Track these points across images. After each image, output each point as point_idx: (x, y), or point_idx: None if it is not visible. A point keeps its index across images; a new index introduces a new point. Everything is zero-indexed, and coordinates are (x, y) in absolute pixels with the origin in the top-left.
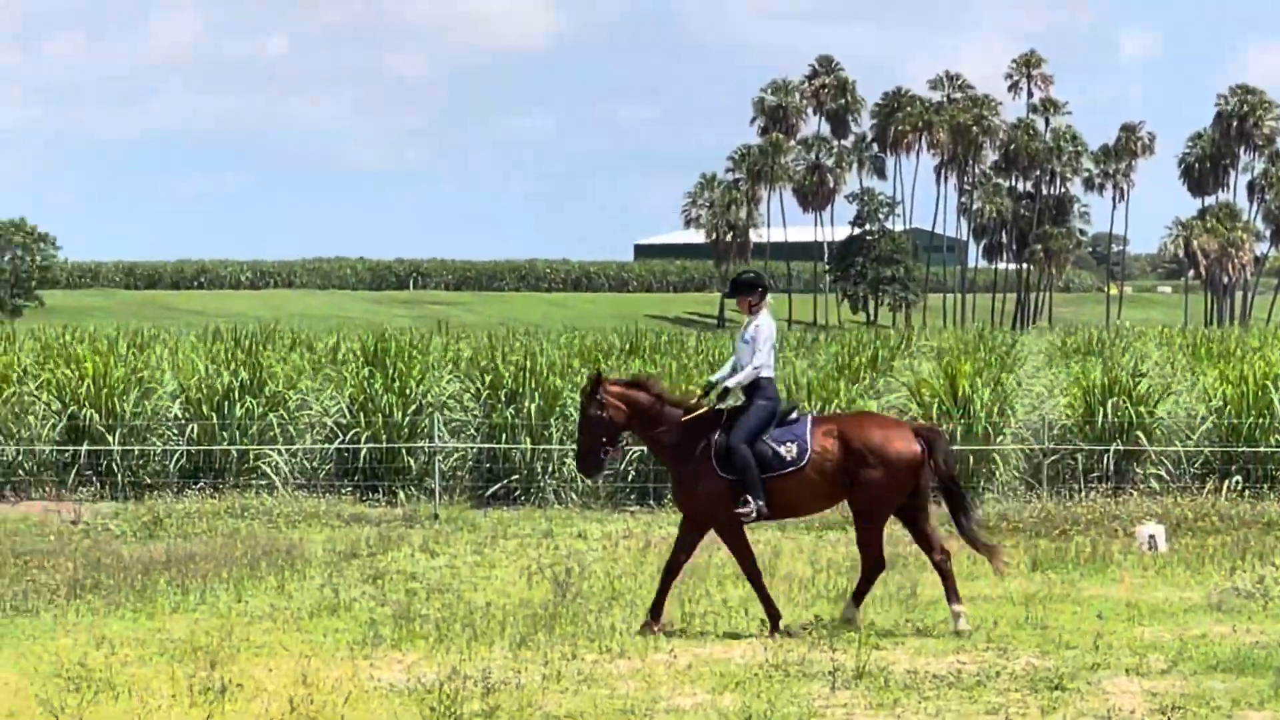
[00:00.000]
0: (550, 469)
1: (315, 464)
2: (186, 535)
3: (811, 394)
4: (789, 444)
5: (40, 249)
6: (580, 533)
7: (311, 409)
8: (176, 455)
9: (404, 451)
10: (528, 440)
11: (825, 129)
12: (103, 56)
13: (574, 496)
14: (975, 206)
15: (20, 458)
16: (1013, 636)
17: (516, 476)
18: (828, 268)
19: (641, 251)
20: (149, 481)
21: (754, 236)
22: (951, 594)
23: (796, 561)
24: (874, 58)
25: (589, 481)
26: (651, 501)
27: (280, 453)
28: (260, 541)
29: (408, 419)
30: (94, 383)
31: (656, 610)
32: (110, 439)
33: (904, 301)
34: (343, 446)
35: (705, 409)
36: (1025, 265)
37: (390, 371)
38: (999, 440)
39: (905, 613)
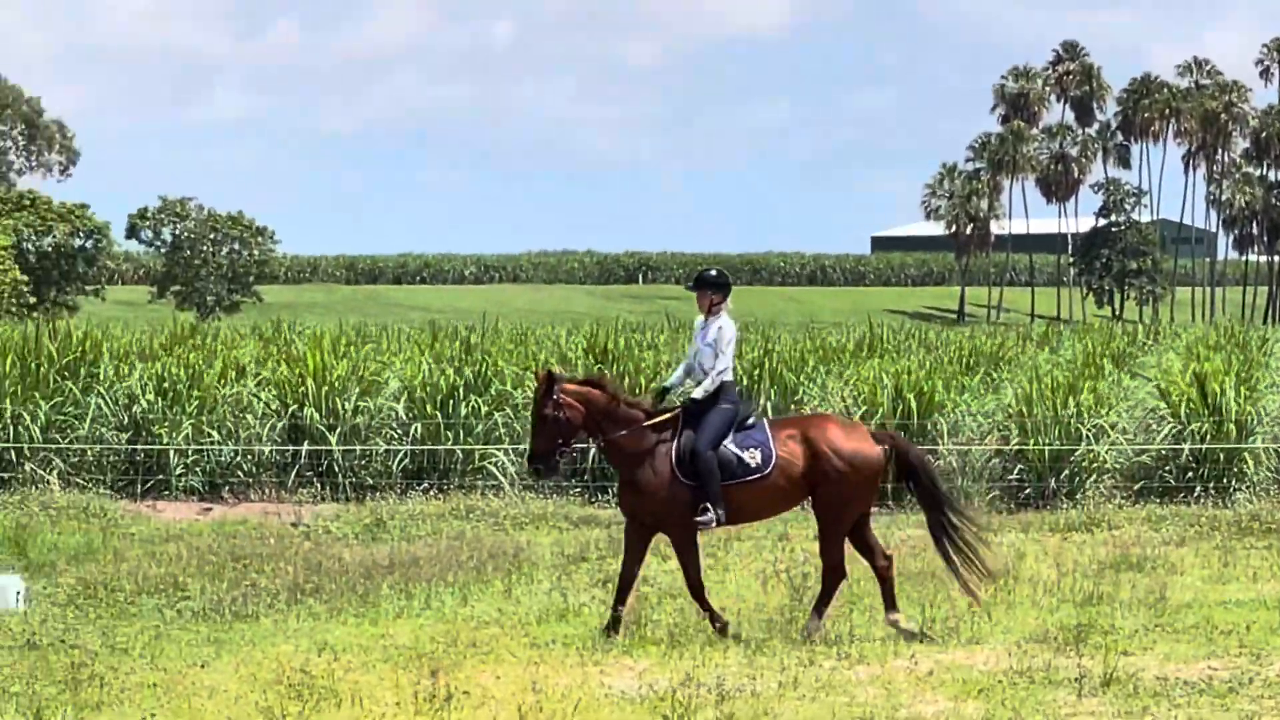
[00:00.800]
0: None
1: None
2: (410, 538)
3: (1055, 390)
4: (752, 450)
5: (258, 243)
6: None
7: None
8: (400, 455)
9: None
10: None
11: (1069, 117)
12: (324, 45)
13: None
14: (1224, 196)
15: (239, 458)
16: (1266, 642)
17: None
18: (1071, 260)
19: (879, 244)
20: (371, 482)
21: (995, 228)
22: (889, 601)
23: (1041, 564)
24: (1120, 43)
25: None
26: (890, 503)
27: (506, 452)
28: (486, 544)
29: None
30: (315, 381)
31: (614, 623)
32: (331, 439)
33: (1151, 295)
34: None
35: (673, 412)
36: (1277, 258)
37: (621, 370)
38: (1250, 439)
39: (1155, 617)
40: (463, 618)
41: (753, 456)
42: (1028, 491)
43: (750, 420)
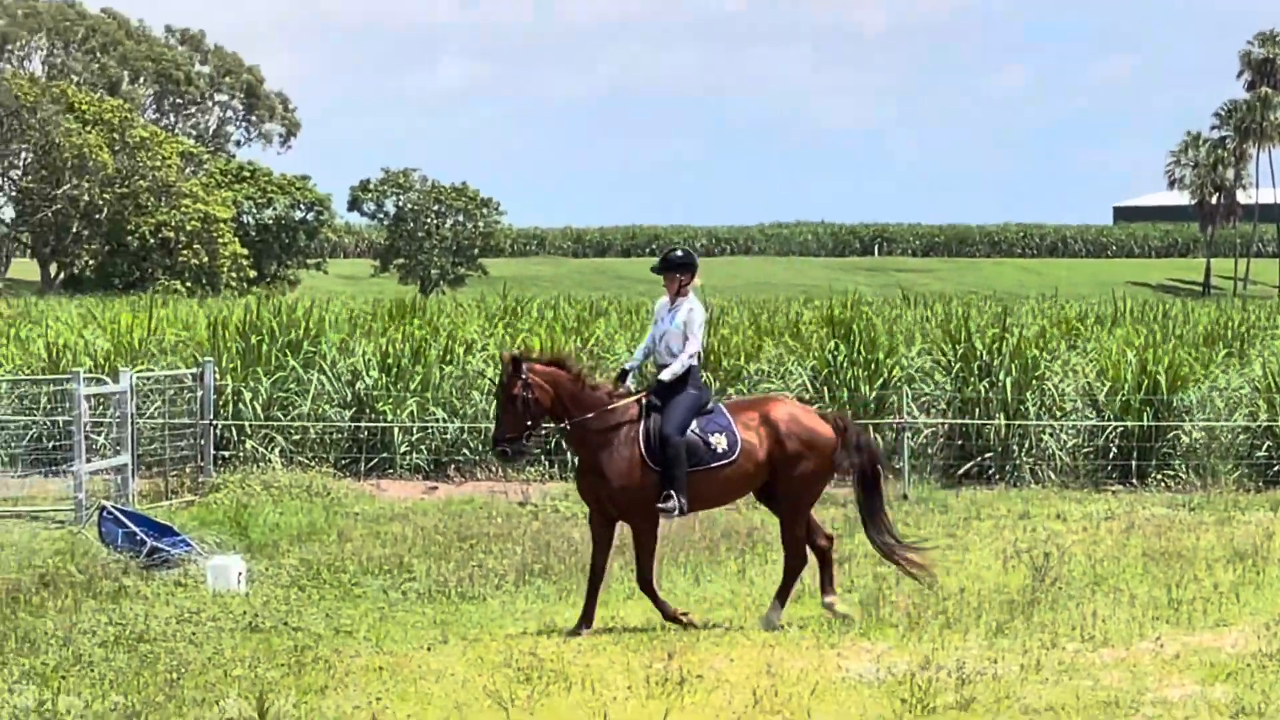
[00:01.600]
0: (1027, 446)
1: None
2: None
3: None
4: (717, 435)
5: (483, 215)
6: (1059, 514)
7: (773, 383)
8: None
9: (871, 428)
10: (1002, 416)
11: None
12: (551, 12)
13: (1052, 475)
14: None
15: (466, 436)
16: None
17: (990, 454)
18: None
19: (1121, 214)
20: None
21: (1242, 197)
22: (827, 583)
23: None
24: None
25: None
26: (1133, 481)
27: None
28: (719, 524)
29: (874, 393)
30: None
31: (587, 617)
32: None
33: None
34: None
35: (637, 396)
36: None
37: (856, 343)
38: None
39: None
40: (695, 599)
41: (719, 442)
42: (1276, 468)
43: (710, 405)
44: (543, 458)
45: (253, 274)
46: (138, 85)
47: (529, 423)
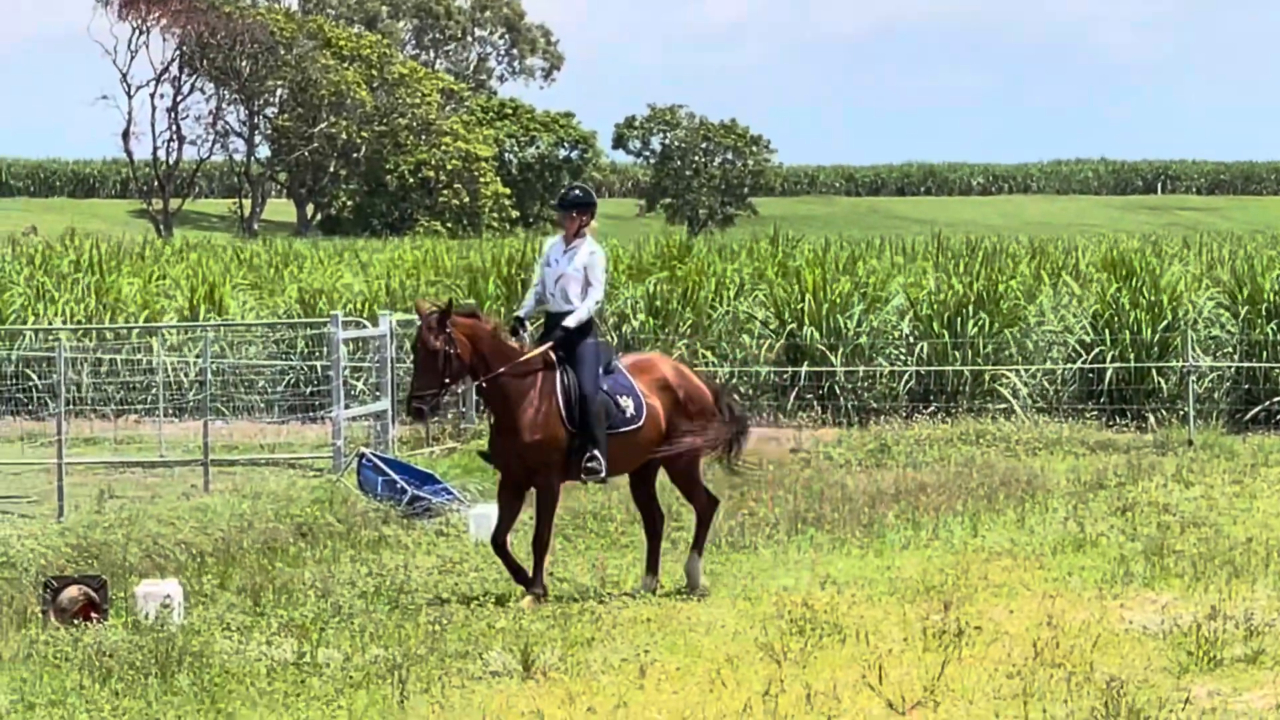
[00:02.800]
0: None
1: (1056, 386)
2: (916, 464)
3: None
4: (625, 398)
5: (753, 153)
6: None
7: (1051, 326)
8: (905, 377)
9: (1154, 372)
10: None
11: None
12: None
13: None
14: None
15: (736, 380)
16: None
17: (1278, 399)
18: None
19: None
20: (874, 406)
21: None
22: (653, 563)
23: None
24: None
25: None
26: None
27: (1018, 373)
28: (997, 471)
29: (1158, 336)
30: (814, 299)
31: (534, 580)
32: (833, 359)
33: None
34: (1087, 367)
35: (547, 347)
36: None
37: (1138, 285)
38: None
39: None
40: (973, 549)
41: (627, 405)
42: None
43: (611, 364)
44: (815, 404)
45: (515, 214)
46: (396, 20)
47: (448, 379)
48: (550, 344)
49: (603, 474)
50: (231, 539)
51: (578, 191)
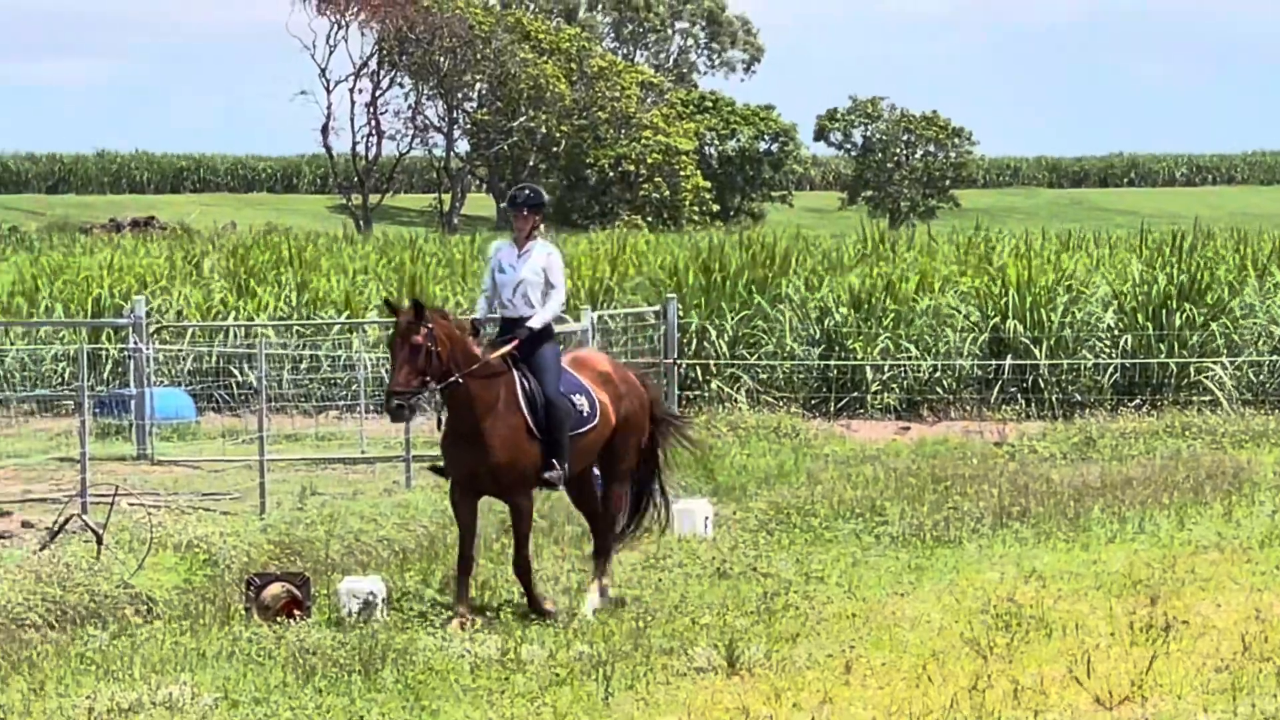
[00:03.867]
0: None
1: (1263, 378)
2: (1121, 457)
3: None
4: (579, 396)
5: (955, 145)
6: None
7: (1258, 317)
8: (1110, 369)
9: None
10: None
11: None
12: None
13: None
14: None
15: (939, 374)
16: None
17: None
18: None
19: None
20: (1079, 398)
21: None
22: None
23: None
24: None
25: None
26: None
27: (1224, 365)
28: (1203, 464)
29: None
30: (1018, 291)
31: (462, 602)
32: (1036, 352)
33: None
34: None
35: (510, 348)
36: None
37: None
38: None
39: None
40: (1180, 542)
41: (582, 404)
42: None
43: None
44: (1019, 397)
45: (715, 208)
46: (595, 13)
47: (427, 377)
48: (515, 341)
49: (561, 482)
50: (434, 535)
51: (529, 191)
